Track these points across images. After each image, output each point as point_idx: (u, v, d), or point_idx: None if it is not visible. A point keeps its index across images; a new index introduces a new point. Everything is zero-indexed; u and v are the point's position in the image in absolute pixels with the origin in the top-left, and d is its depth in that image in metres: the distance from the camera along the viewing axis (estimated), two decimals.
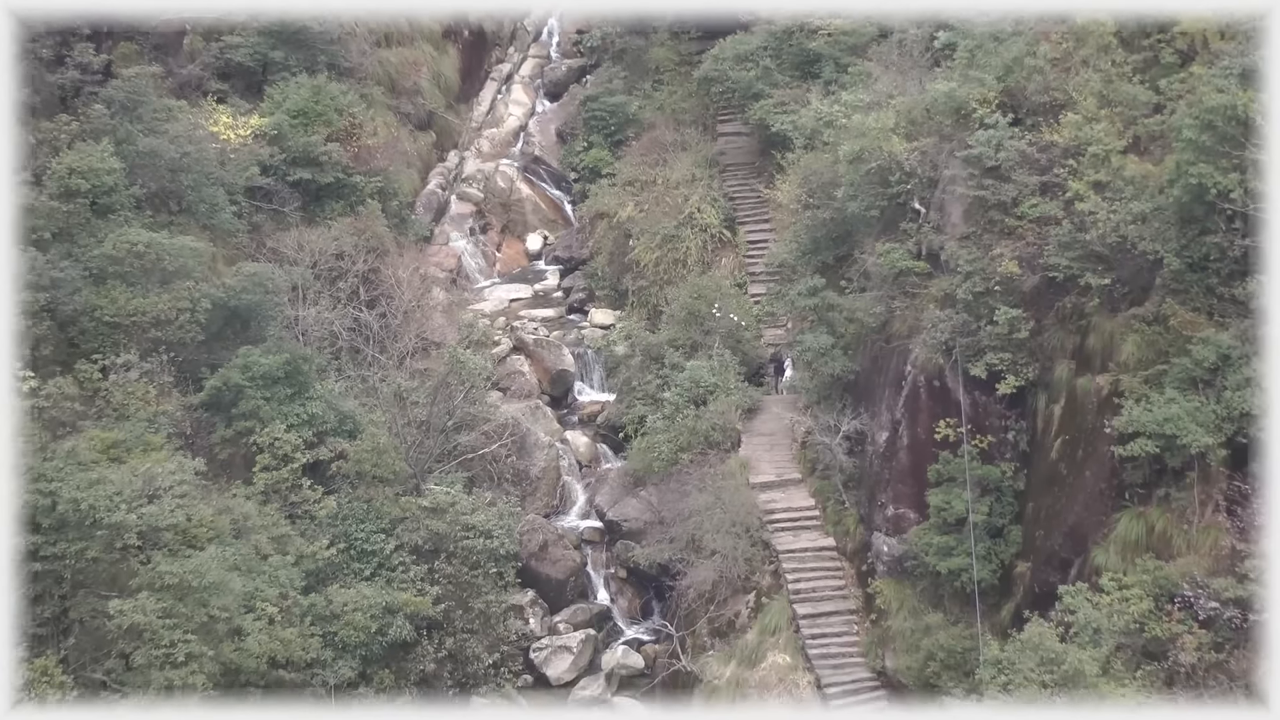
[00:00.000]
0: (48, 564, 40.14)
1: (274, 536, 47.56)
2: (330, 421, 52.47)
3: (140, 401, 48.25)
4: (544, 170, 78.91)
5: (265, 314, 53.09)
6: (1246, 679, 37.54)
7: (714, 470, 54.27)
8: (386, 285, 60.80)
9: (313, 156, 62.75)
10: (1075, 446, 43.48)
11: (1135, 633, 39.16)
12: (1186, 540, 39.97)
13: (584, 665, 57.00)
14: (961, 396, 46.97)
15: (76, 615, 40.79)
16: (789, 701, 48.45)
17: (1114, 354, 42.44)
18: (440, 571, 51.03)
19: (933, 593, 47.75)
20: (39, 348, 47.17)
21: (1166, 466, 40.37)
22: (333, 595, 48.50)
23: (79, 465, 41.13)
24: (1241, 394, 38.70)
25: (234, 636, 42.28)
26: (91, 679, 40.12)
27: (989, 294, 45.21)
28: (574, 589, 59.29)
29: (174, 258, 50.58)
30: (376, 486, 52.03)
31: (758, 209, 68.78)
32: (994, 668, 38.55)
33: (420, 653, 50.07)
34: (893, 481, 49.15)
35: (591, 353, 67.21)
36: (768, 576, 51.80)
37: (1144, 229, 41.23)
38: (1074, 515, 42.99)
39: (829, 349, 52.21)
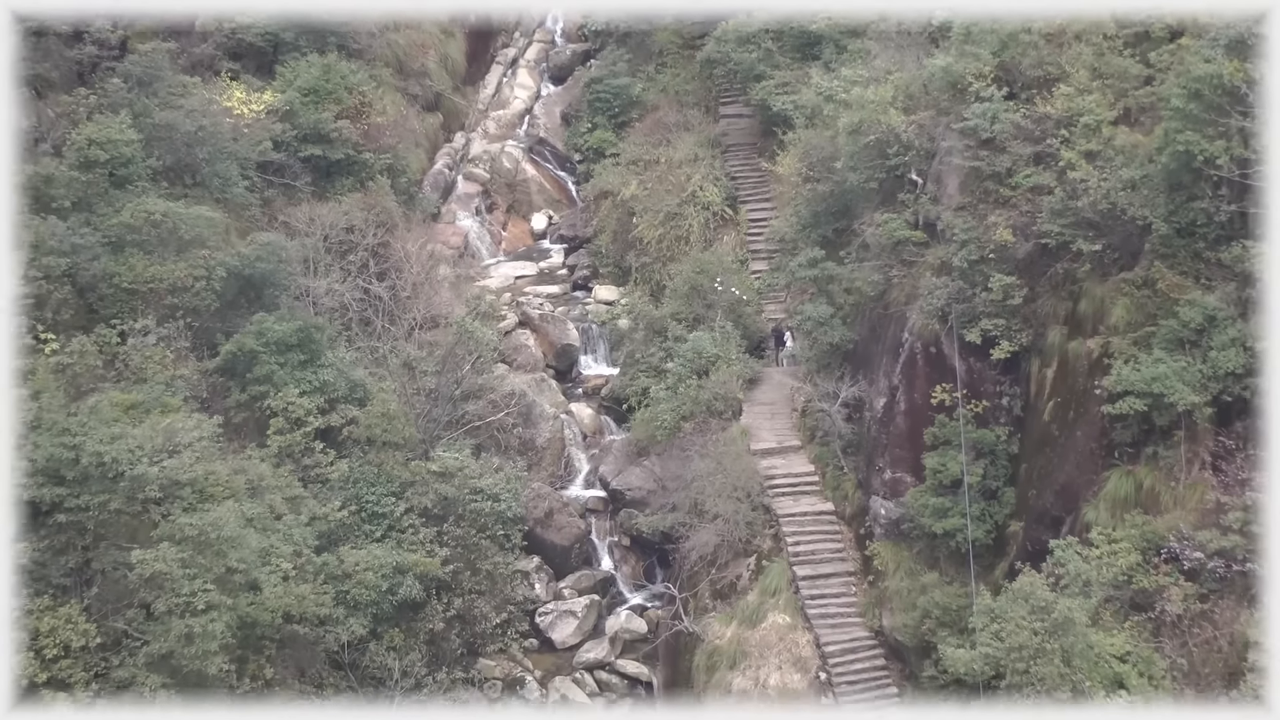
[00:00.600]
0: (71, 515, 41.46)
1: (288, 497, 48.89)
2: (341, 389, 53.80)
3: (158, 366, 49.46)
4: (549, 151, 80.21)
5: (278, 283, 54.37)
6: (1231, 628, 38.85)
7: (716, 438, 55.55)
8: (395, 259, 62.10)
9: (323, 133, 64.04)
10: (1066, 408, 44.83)
11: (1123, 585, 40.53)
12: (1173, 496, 41.29)
13: (588, 629, 58.44)
14: (957, 362, 48.27)
15: (99, 566, 42.07)
16: (788, 659, 49.71)
17: (1104, 318, 43.78)
18: (449, 534, 52.42)
19: (929, 554, 49.07)
20: (60, 311, 48.49)
21: (1154, 425, 41.70)
22: (344, 555, 49.83)
23: (101, 421, 42.41)
24: (1227, 354, 40.04)
25: (250, 589, 43.57)
26: (113, 628, 41.39)
27: (984, 261, 46.53)
28: (578, 556, 60.67)
29: (190, 227, 51.86)
30: (387, 451, 53.38)
31: (759, 188, 70.04)
32: (986, 616, 39.85)
33: (429, 612, 51.43)
34: (890, 446, 50.47)
35: (595, 327, 68.47)
36: (768, 540, 53.10)
37: (1133, 196, 42.55)
38: (1065, 474, 44.32)
39: (828, 319, 53.54)
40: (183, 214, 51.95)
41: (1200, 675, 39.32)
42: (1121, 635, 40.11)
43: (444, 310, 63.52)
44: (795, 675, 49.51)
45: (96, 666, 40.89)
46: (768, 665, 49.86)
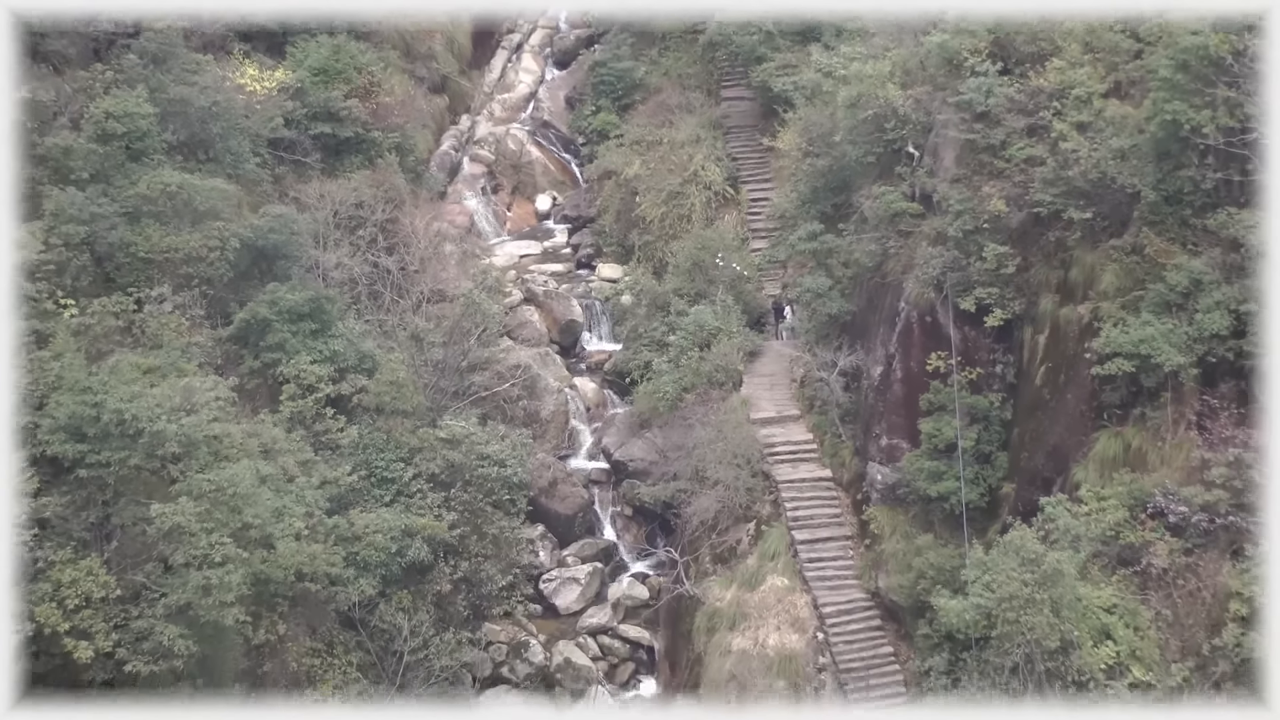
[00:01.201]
0: (92, 471, 42.72)
1: (300, 461, 50.10)
2: (351, 359, 55.09)
3: (174, 333, 50.62)
4: (553, 134, 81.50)
5: (290, 254, 55.57)
6: (1214, 579, 40.20)
7: (717, 408, 56.91)
8: (404, 234, 63.38)
9: (333, 111, 65.28)
10: (1058, 373, 46.18)
11: (1111, 540, 41.92)
12: (1160, 455, 42.66)
13: (591, 596, 59.90)
14: (952, 331, 49.63)
15: (118, 521, 43.34)
16: (786, 620, 51.05)
17: (1094, 284, 45.15)
18: (456, 499, 53.73)
19: (924, 518, 50.38)
20: (79, 278, 49.67)
21: (1142, 387, 43.07)
22: (354, 518, 51.15)
23: (121, 380, 43.71)
24: (1212, 316, 41.41)
25: (264, 546, 44.80)
26: (132, 581, 42.66)
27: (978, 232, 47.88)
28: (582, 525, 62.12)
29: (205, 198, 53.04)
30: (395, 419, 54.70)
31: (760, 168, 71.39)
32: (978, 569, 41.21)
33: (437, 574, 52.76)
34: (887, 413, 51.81)
35: (599, 304, 69.87)
36: (767, 506, 54.46)
37: (1123, 165, 43.91)
38: (1056, 436, 45.69)
39: (827, 290, 54.91)
40: (198, 186, 53.17)
41: (1184, 626, 40.72)
42: (1109, 588, 41.49)
43: (451, 286, 64.79)
44: (793, 635, 50.88)
45: (116, 618, 42.05)
46: (766, 626, 51.23)
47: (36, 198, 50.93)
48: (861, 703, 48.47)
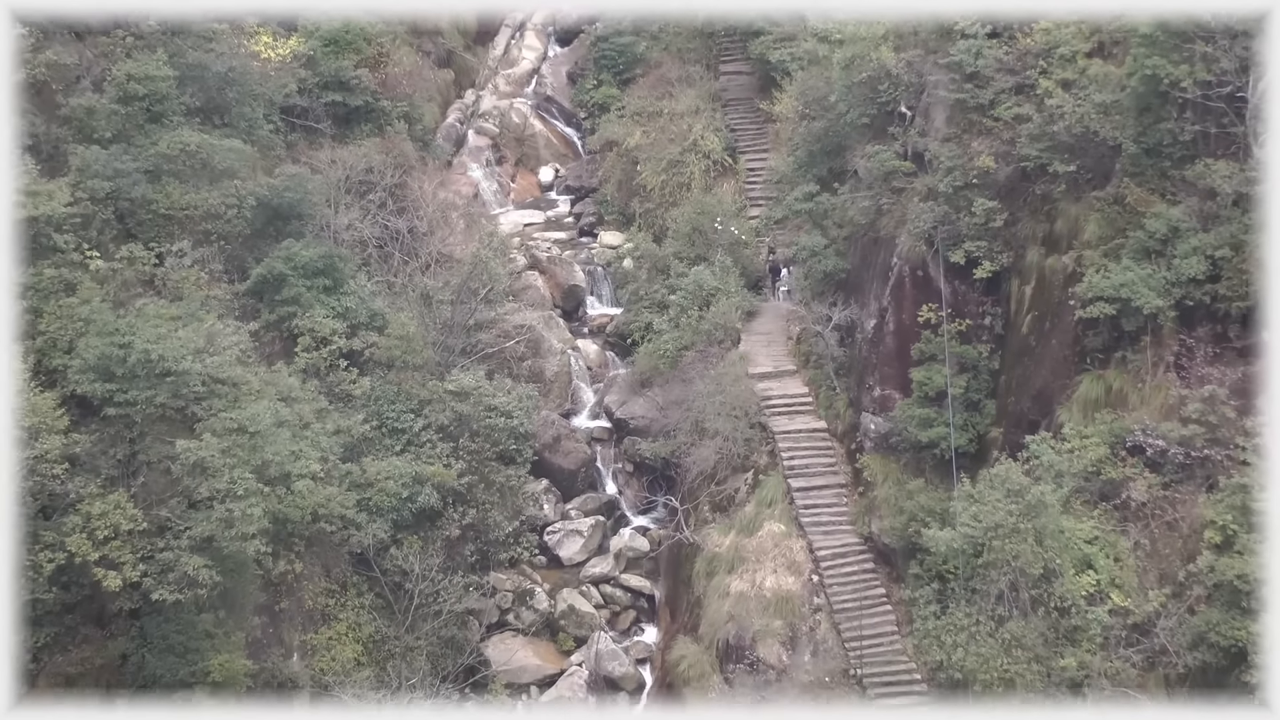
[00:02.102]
0: (120, 410, 44.69)
1: (315, 410, 52.01)
2: (362, 316, 57.17)
3: (193, 286, 52.50)
4: (555, 109, 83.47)
5: (304, 213, 57.58)
6: (1190, 510, 42.25)
7: (716, 364, 58.88)
8: (412, 198, 65.43)
9: (344, 81, 67.30)
10: (1043, 320, 48.24)
11: (1093, 476, 43.99)
12: (1140, 396, 44.74)
13: (594, 548, 61.93)
14: (942, 284, 51.65)
15: (144, 458, 45.32)
16: (783, 564, 53.05)
17: (1078, 234, 47.23)
18: (464, 449, 55.77)
19: (915, 464, 52.38)
20: (103, 232, 51.59)
21: (1123, 331, 45.13)
22: (366, 465, 53.25)
23: (148, 323, 45.66)
24: (1189, 261, 43.48)
25: (283, 482, 46.71)
26: (158, 515, 44.58)
27: (968, 187, 49.91)
28: (584, 480, 64.12)
29: (223, 157, 54.93)
30: (406, 372, 56.78)
31: (757, 139, 73.39)
32: (966, 500, 43.26)
33: (446, 520, 54.80)
34: (879, 365, 53.84)
35: (601, 270, 71.88)
36: (765, 456, 56.47)
37: (1106, 120, 45.95)
38: (1041, 380, 47.75)
39: (822, 249, 56.95)
40: (216, 145, 55.07)
41: (1161, 555, 42.79)
42: (1090, 521, 43.57)
43: (458, 250, 66.79)
44: (790, 578, 52.89)
45: (143, 550, 43.93)
46: (763, 569, 53.24)
47: (61, 156, 52.88)
48: (854, 640, 50.34)
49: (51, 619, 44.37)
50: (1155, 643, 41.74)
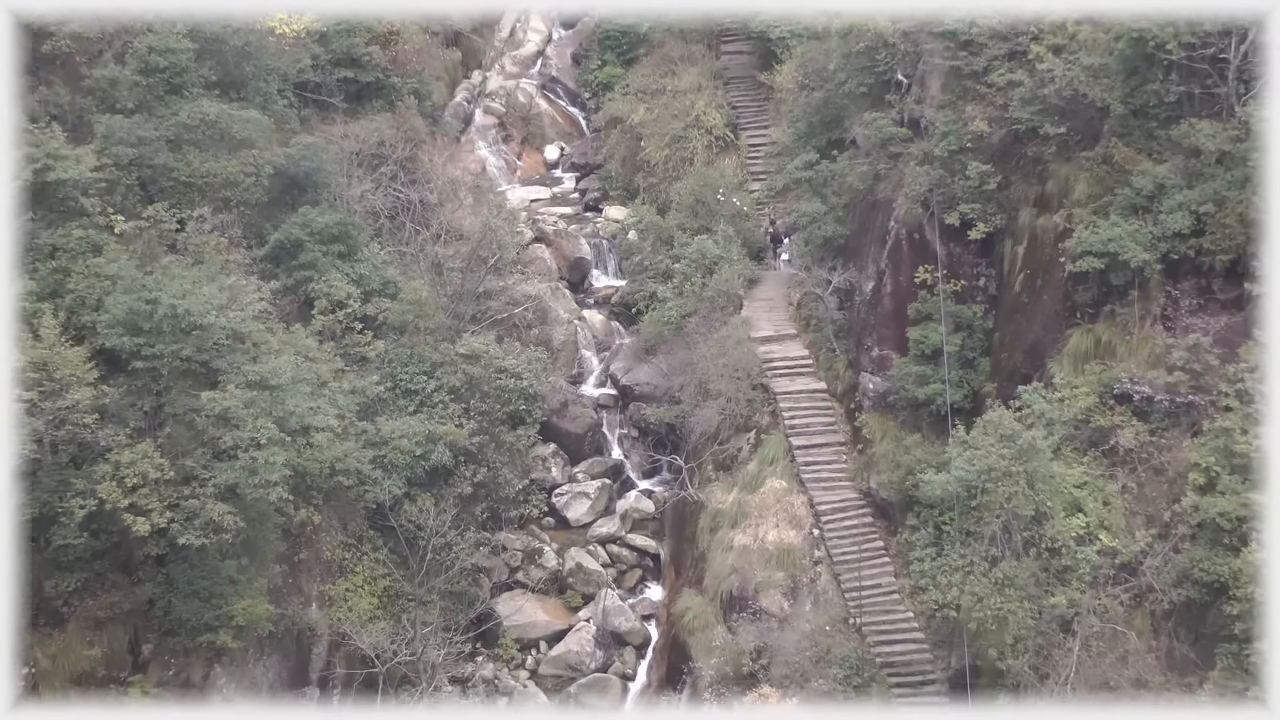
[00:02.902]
0: (147, 363, 46.56)
1: (332, 370, 53.89)
2: (375, 283, 59.00)
3: (213, 250, 54.25)
4: (560, 89, 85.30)
5: (319, 181, 59.38)
6: (1175, 454, 44.04)
7: (719, 329, 60.62)
8: (423, 171, 67.20)
9: (355, 57, 68.98)
10: (1035, 278, 50.03)
11: (1082, 424, 45.79)
12: (1128, 348, 46.52)
13: (600, 509, 63.72)
14: (938, 246, 53.42)
15: (170, 410, 47.13)
16: (785, 518, 54.83)
17: (1068, 194, 49.02)
18: (475, 409, 57.59)
19: (912, 421, 54.13)
20: (126, 197, 53.39)
21: (1112, 286, 46.88)
22: (381, 425, 55.06)
23: (173, 280, 47.47)
24: (1174, 216, 45.27)
25: (303, 434, 48.53)
26: (183, 465, 46.36)
27: (962, 151, 51.69)
28: (591, 444, 65.93)
29: (241, 126, 56.80)
30: (418, 335, 58.56)
31: (758, 116, 75.17)
32: (960, 446, 45.05)
33: (458, 478, 56.62)
34: (877, 326, 55.64)
35: (606, 242, 73.67)
36: (766, 416, 58.25)
37: (1094, 82, 47.72)
38: (1033, 335, 49.56)
39: (822, 215, 58.72)
40: (235, 115, 56.92)
41: (1148, 498, 44.58)
42: (1080, 467, 45.36)
43: (467, 223, 68.55)
44: (791, 532, 54.66)
45: (169, 498, 45.79)
46: (766, 524, 55.01)
47: (85, 125, 54.69)
48: (853, 590, 52.12)
49: (81, 565, 46.24)
50: (1142, 581, 43.51)
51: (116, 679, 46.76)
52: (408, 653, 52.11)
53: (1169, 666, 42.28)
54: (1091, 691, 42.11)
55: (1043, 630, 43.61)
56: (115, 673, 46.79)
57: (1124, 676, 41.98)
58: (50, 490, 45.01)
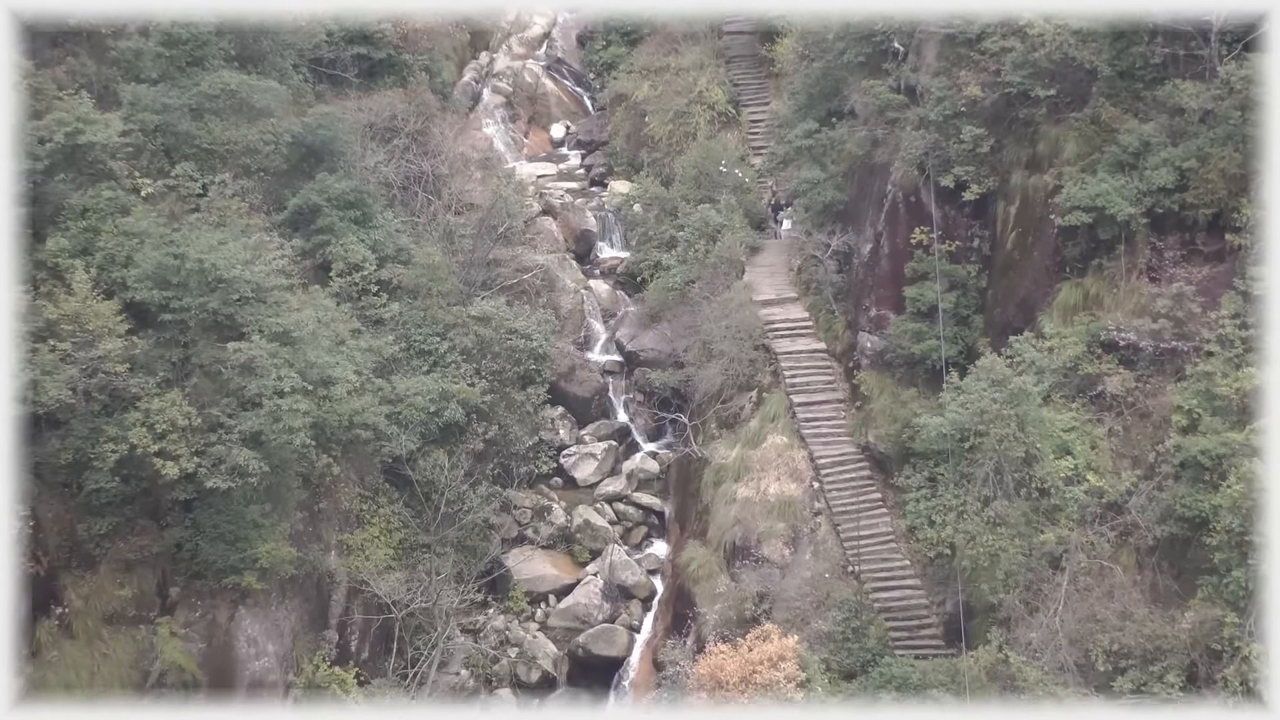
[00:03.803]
0: (174, 315, 48.55)
1: (349, 329, 55.98)
2: (389, 249, 61.06)
3: (235, 215, 56.30)
4: (566, 69, 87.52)
5: (336, 150, 61.41)
6: (1159, 399, 46.08)
7: (722, 293, 62.66)
8: (434, 143, 69.26)
9: (368, 35, 71.06)
10: (1026, 235, 52.07)
11: (1071, 372, 47.83)
12: (1115, 300, 48.61)
13: (607, 470, 65.84)
14: (934, 209, 55.46)
15: (197, 361, 49.10)
16: (786, 472, 56.85)
17: (1058, 154, 51.08)
18: (486, 369, 59.72)
19: (908, 377, 56.16)
20: (151, 161, 55.44)
21: (1100, 240, 48.97)
22: (396, 383, 57.11)
23: (199, 236, 49.50)
24: (1159, 172, 47.36)
25: (325, 386, 50.52)
26: (209, 414, 48.34)
27: (957, 116, 53.69)
28: (598, 407, 68.04)
29: (261, 96, 58.82)
30: (432, 298, 60.60)
31: (759, 93, 77.27)
32: (954, 391, 47.08)
33: (470, 434, 58.69)
34: (875, 286, 57.68)
35: (611, 216, 75.76)
36: (768, 376, 60.31)
37: (1083, 46, 49.73)
38: (1024, 289, 51.61)
39: (822, 181, 60.77)
40: (254, 85, 58.93)
41: (1133, 441, 46.61)
42: (1069, 413, 47.39)
43: (475, 196, 70.57)
44: (792, 485, 56.68)
45: (196, 445, 47.75)
46: (767, 477, 57.04)
47: (111, 95, 56.66)
48: (852, 539, 54.15)
49: (112, 509, 48.14)
50: (1127, 518, 45.48)
51: (146, 619, 48.56)
52: (423, 600, 54.12)
53: (1153, 599, 44.23)
54: (1079, 624, 43.99)
55: (1033, 567, 45.59)
56: (145, 612, 48.60)
57: (1110, 609, 43.90)
58: (83, 437, 46.91)
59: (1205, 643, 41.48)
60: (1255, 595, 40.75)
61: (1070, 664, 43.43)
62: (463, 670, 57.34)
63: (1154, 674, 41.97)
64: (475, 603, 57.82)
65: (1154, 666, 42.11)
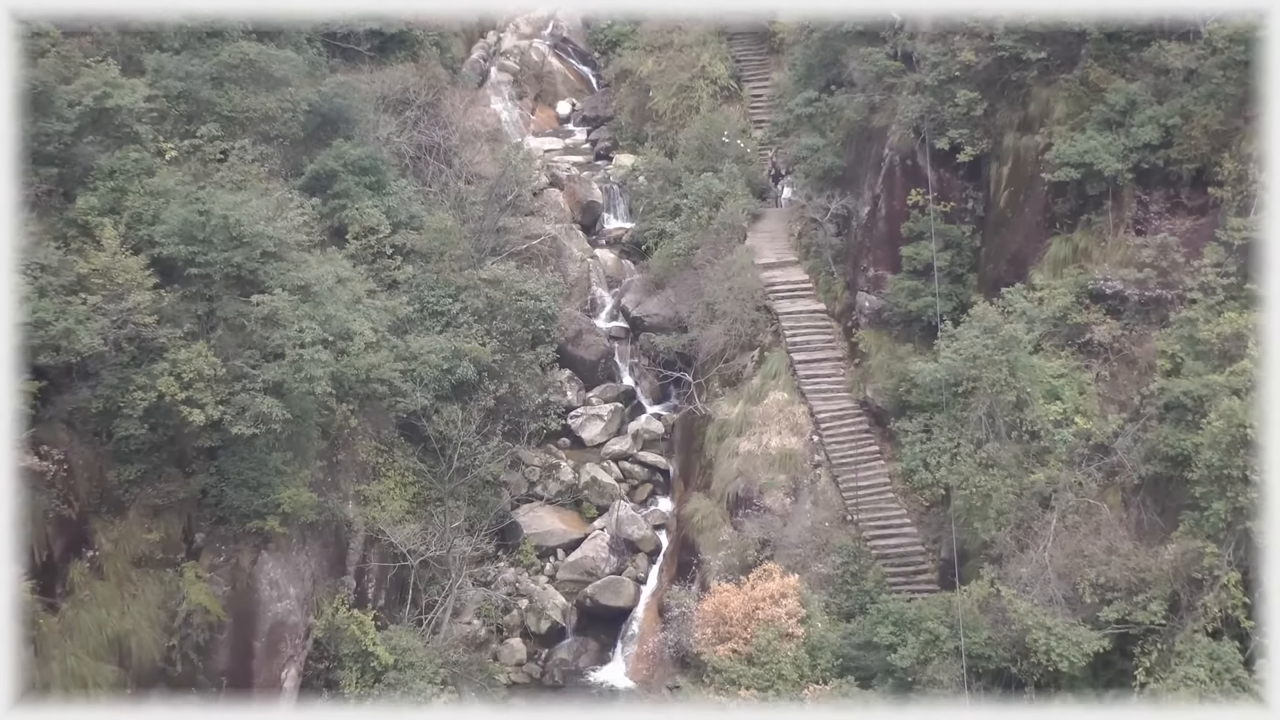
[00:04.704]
0: (200, 270, 50.54)
1: (365, 289, 57.93)
2: (403, 215, 63.09)
3: (255, 179, 58.33)
4: (571, 48, 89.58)
5: (351, 118, 63.44)
6: (1144, 345, 48.16)
7: (724, 257, 64.71)
8: (445, 115, 71.33)
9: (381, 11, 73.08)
10: (1018, 194, 54.21)
11: (1060, 321, 49.87)
12: (1103, 253, 50.73)
13: (613, 430, 67.94)
14: (929, 172, 57.55)
15: (222, 314, 51.05)
16: (787, 426, 58.91)
17: (1049, 115, 53.18)
18: (497, 329, 61.75)
19: (905, 334, 58.36)
20: (175, 125, 57.44)
21: (1088, 196, 51.07)
22: (410, 341, 59.12)
23: (223, 193, 51.55)
24: (1145, 129, 49.46)
25: (344, 339, 52.53)
26: (234, 365, 50.32)
27: (951, 80, 55.81)
28: (604, 371, 70.12)
29: (279, 65, 60.80)
30: (444, 262, 62.64)
31: (760, 69, 79.37)
32: (948, 339, 49.14)
33: (482, 392, 60.67)
34: (873, 247, 59.79)
35: (616, 188, 77.82)
36: (769, 336, 62.42)
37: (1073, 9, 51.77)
38: (1015, 245, 53.73)
39: (821, 148, 62.85)
40: (273, 54, 60.90)
41: (1119, 386, 48.70)
42: (1058, 360, 49.45)
43: (485, 169, 72.61)
44: (792, 438, 58.79)
45: (221, 394, 49.71)
46: (769, 431, 59.17)
47: (134, 63, 58.68)
48: (850, 490, 56.22)
49: (141, 456, 50.03)
50: (1113, 459, 47.53)
51: (172, 562, 50.51)
52: (438, 548, 56.16)
53: (1137, 535, 46.24)
54: (1067, 559, 46.02)
55: (1023, 506, 47.63)
56: (171, 556, 50.56)
57: (1097, 545, 45.92)
58: (113, 386, 48.81)
59: (1186, 573, 43.42)
60: (1234, 527, 42.74)
61: (1059, 597, 45.37)
62: (475, 620, 59.49)
63: (1138, 604, 43.95)
64: (487, 554, 59.78)
65: (1138, 597, 44.08)
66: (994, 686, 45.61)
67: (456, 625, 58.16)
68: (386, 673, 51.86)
